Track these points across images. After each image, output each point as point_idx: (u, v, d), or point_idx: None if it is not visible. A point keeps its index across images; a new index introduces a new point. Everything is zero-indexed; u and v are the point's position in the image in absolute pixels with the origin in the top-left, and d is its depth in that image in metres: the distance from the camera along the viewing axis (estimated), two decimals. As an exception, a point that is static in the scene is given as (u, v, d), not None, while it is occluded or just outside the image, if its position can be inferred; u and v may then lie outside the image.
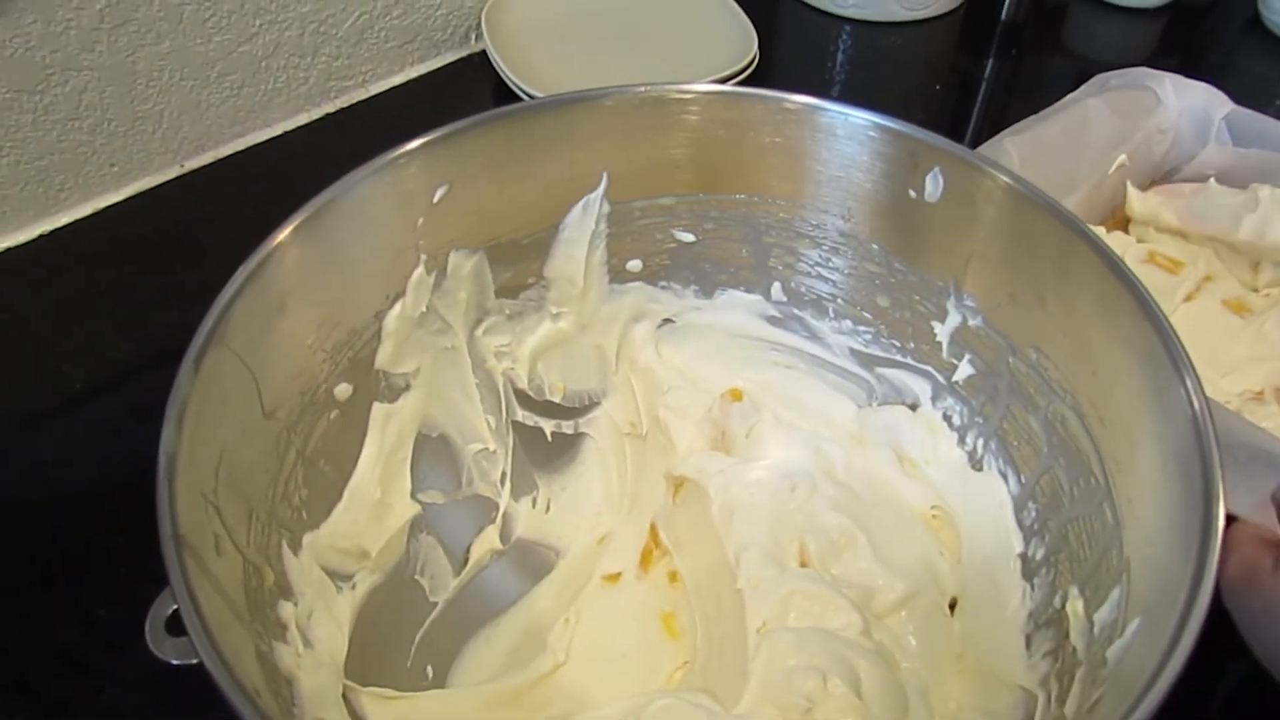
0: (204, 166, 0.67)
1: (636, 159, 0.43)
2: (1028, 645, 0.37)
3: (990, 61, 0.84)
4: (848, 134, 0.39)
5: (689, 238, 0.46)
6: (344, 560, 0.39)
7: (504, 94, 0.70)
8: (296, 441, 0.37)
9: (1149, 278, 0.57)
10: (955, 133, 0.58)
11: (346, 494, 0.40)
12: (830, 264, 0.45)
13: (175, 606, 0.26)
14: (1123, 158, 0.62)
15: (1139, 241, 0.60)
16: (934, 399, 0.44)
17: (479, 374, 0.45)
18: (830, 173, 0.41)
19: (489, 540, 0.45)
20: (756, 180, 0.43)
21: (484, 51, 0.73)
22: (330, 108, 0.73)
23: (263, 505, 0.34)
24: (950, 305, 0.41)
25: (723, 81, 0.70)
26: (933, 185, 0.39)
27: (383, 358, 0.41)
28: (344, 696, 0.35)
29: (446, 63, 0.78)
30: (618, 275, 0.47)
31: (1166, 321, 0.31)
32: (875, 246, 0.43)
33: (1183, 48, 0.86)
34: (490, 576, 0.45)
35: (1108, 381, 0.34)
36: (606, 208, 0.44)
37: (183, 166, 0.67)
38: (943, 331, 0.42)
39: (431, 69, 0.77)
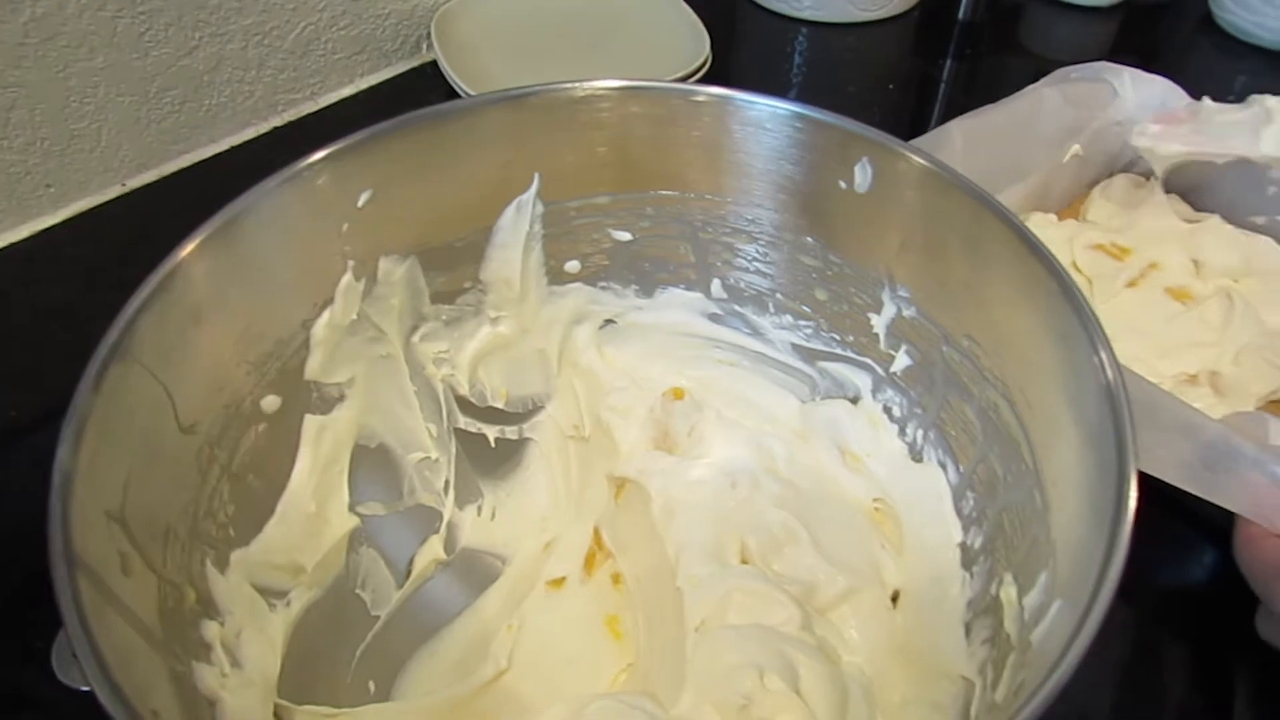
0: (147, 185, 0.66)
1: (567, 158, 0.42)
2: (967, 634, 0.36)
3: (948, 62, 0.84)
4: (771, 125, 0.39)
5: (626, 236, 0.45)
6: (277, 576, 0.38)
7: None
8: (220, 456, 0.36)
9: (1095, 263, 0.58)
10: (915, 133, 0.58)
11: (279, 509, 0.39)
12: (768, 259, 0.44)
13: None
14: (1076, 147, 0.63)
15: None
16: (874, 391, 0.44)
17: (418, 381, 0.45)
18: (759, 166, 0.41)
19: (432, 550, 0.45)
20: (687, 176, 0.42)
21: (435, 61, 0.72)
22: (278, 121, 0.72)
23: (183, 522, 0.34)
24: (885, 296, 0.41)
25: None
26: (861, 175, 0.38)
27: (313, 368, 0.40)
28: (276, 716, 0.35)
29: (398, 73, 0.77)
30: (556, 277, 0.46)
31: (1083, 298, 0.31)
32: (810, 240, 0.42)
33: (1137, 46, 0.86)
34: (434, 587, 0.44)
35: (1032, 365, 0.34)
36: (540, 208, 0.43)
37: (125, 185, 0.66)
38: (879, 323, 0.42)
39: (382, 80, 0.76)
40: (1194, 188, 0.63)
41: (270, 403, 0.39)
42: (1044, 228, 0.60)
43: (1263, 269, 0.58)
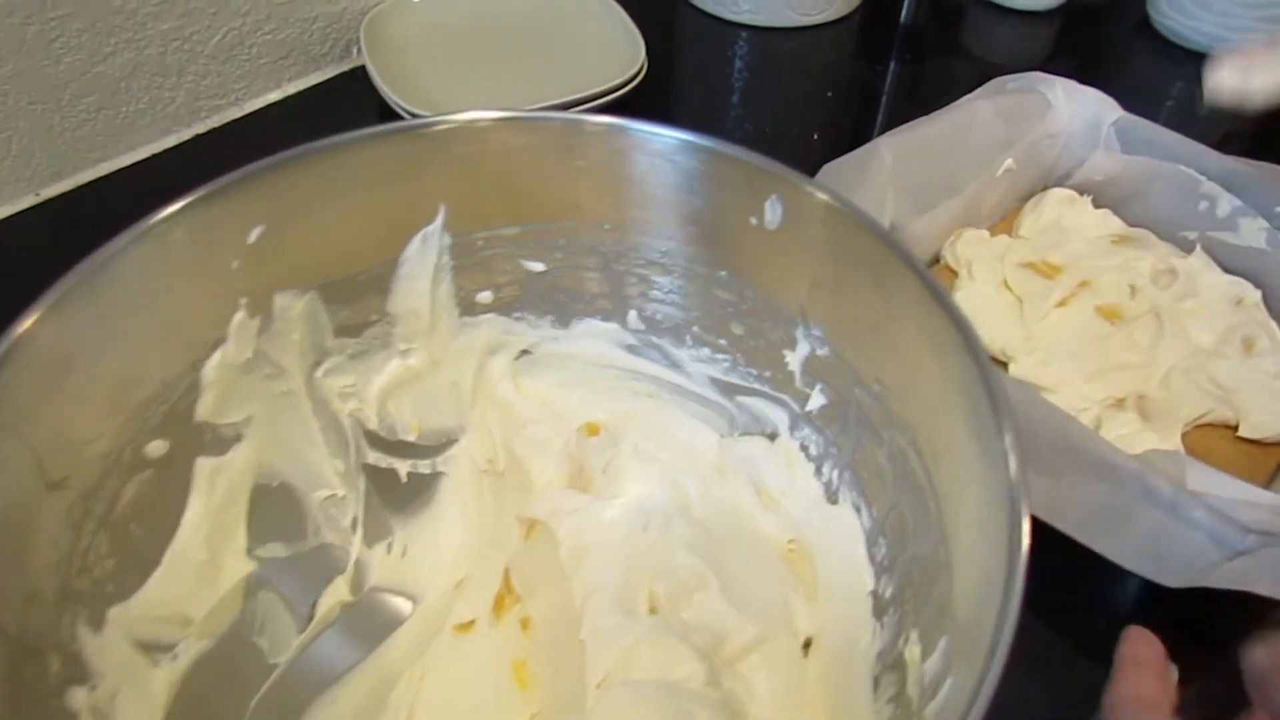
0: (63, 194, 0.64)
1: (470, 189, 0.41)
2: (875, 687, 0.36)
3: (890, 66, 0.83)
4: (679, 159, 0.38)
5: (539, 267, 0.44)
6: (163, 629, 0.37)
7: (388, 110, 0.67)
8: (97, 508, 0.34)
9: (1025, 282, 0.57)
10: (858, 139, 0.57)
11: (166, 558, 0.37)
12: (683, 291, 0.43)
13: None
14: (1009, 161, 0.62)
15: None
16: (791, 429, 0.43)
17: (322, 417, 0.43)
18: (668, 198, 0.39)
19: (338, 592, 0.43)
20: (598, 208, 0.41)
21: (365, 66, 0.70)
22: (201, 128, 0.70)
23: (50, 583, 0.32)
24: (799, 334, 0.40)
25: (613, 91, 0.68)
26: (771, 212, 0.37)
27: (205, 409, 0.39)
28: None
29: (326, 78, 0.75)
30: (468, 308, 0.45)
31: (987, 359, 0.30)
32: (724, 274, 0.41)
33: (1077, 50, 0.86)
34: (338, 632, 0.42)
35: (937, 416, 0.33)
36: (447, 240, 0.42)
37: (38, 195, 0.63)
38: (794, 360, 0.41)
39: (311, 85, 0.74)
40: (1126, 201, 0.63)
41: (156, 448, 0.37)
42: (975, 244, 0.59)
43: (1193, 287, 0.57)
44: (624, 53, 0.70)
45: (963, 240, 0.60)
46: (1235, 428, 0.51)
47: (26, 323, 0.31)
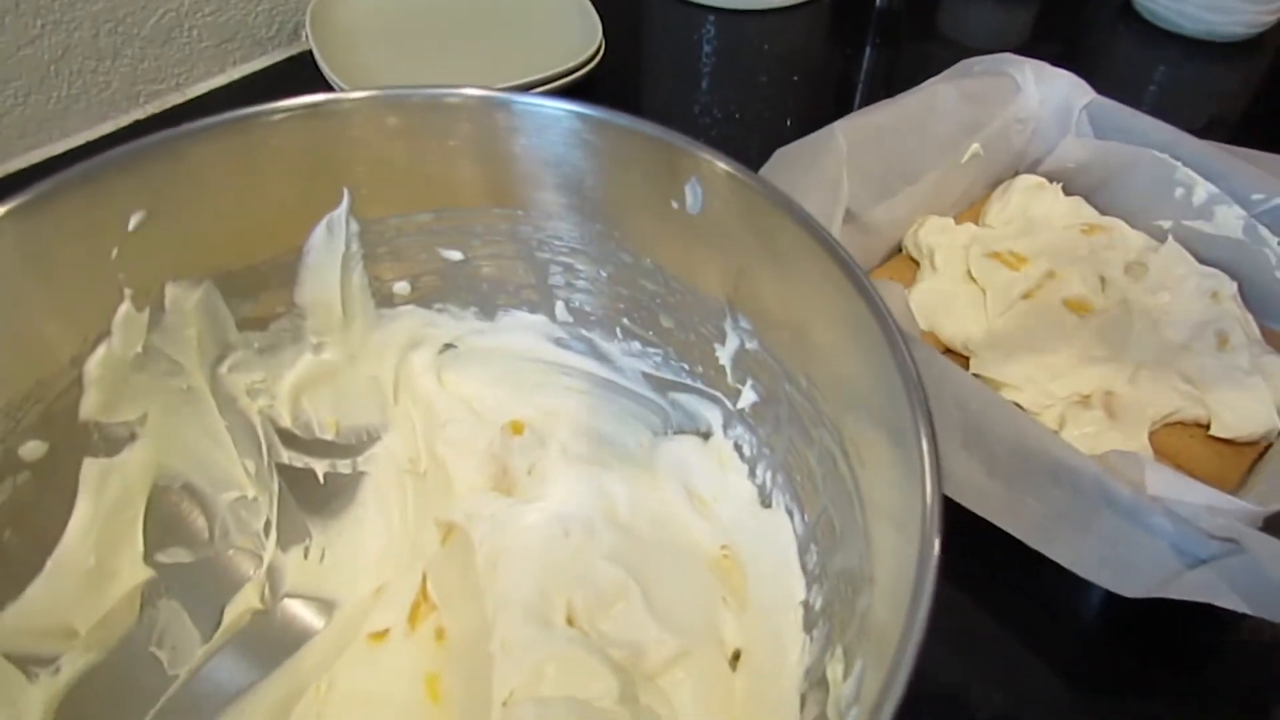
0: None
1: (378, 172, 0.38)
2: (801, 705, 0.33)
3: (864, 50, 0.80)
4: (590, 137, 0.35)
5: (457, 255, 0.41)
6: (42, 642, 0.34)
7: None
8: (-38, 515, 0.32)
9: (990, 273, 0.54)
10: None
11: (48, 566, 0.35)
12: (610, 280, 0.40)
13: None
14: (976, 147, 0.59)
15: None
16: (725, 427, 0.40)
17: (229, 415, 0.41)
18: (584, 180, 0.37)
19: (247, 599, 0.41)
20: (511, 192, 0.38)
21: (311, 51, 0.67)
22: (140, 114, 0.68)
23: (-95, 600, 0.29)
24: (728, 326, 0.37)
25: (567, 75, 0.65)
26: (692, 196, 0.35)
27: (90, 407, 0.36)
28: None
29: (273, 62, 0.73)
30: (385, 299, 0.42)
31: (912, 361, 0.27)
32: (649, 263, 0.39)
33: (1057, 33, 0.83)
34: (246, 642, 0.40)
35: (861, 417, 0.30)
36: (355, 226, 0.39)
37: None
38: (724, 355, 0.38)
39: (256, 69, 0.72)
40: (1098, 189, 0.60)
41: (33, 449, 0.34)
42: (938, 233, 0.57)
43: (1166, 279, 0.55)
44: (579, 35, 0.68)
45: (925, 228, 0.57)
46: (1207, 426, 0.49)
47: None
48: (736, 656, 0.37)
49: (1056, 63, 0.60)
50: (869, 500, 0.30)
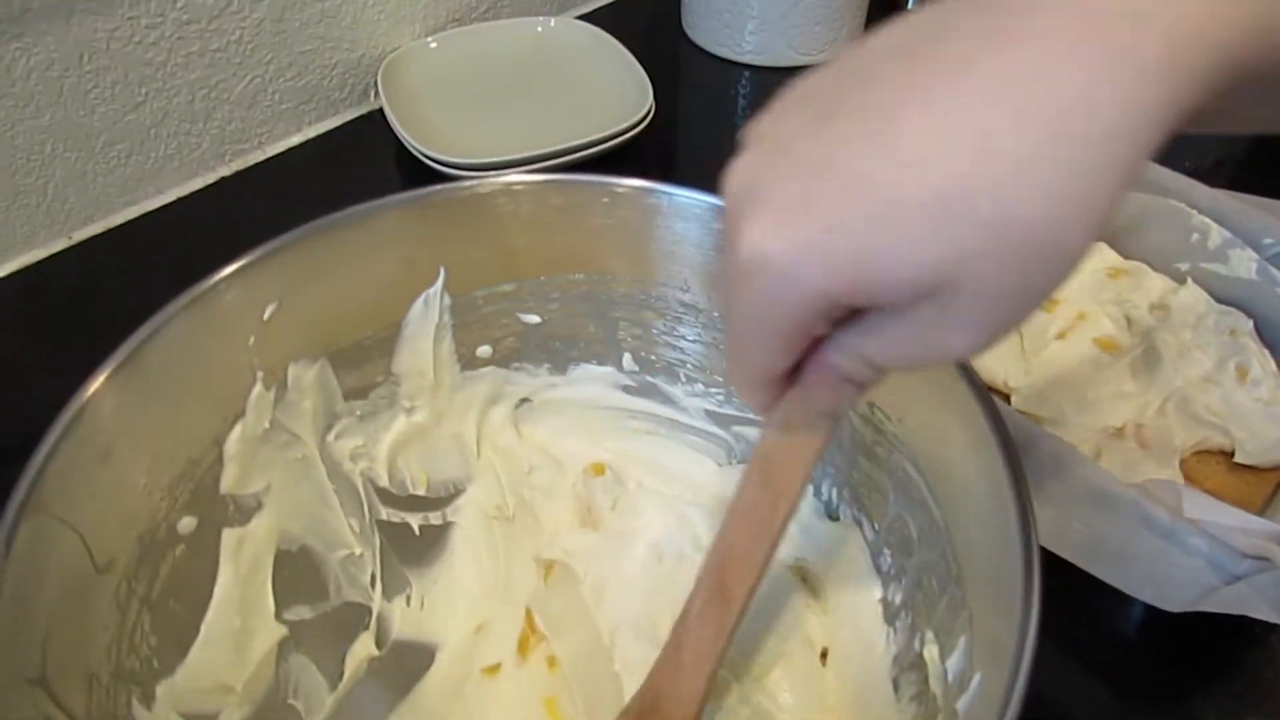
0: (94, 237, 0.65)
1: (472, 250, 0.43)
2: (895, 689, 0.38)
3: None
4: (676, 213, 0.40)
5: (535, 319, 0.46)
6: (206, 700, 0.37)
7: (404, 151, 0.68)
8: (139, 589, 0.35)
9: None
10: None
11: (203, 630, 0.38)
12: (676, 332, 0.45)
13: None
14: None
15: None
16: (788, 453, 0.45)
17: (336, 479, 0.44)
18: (664, 248, 0.42)
19: (365, 648, 0.44)
20: (594, 260, 0.43)
21: (382, 109, 0.71)
22: (225, 171, 0.71)
23: (105, 666, 0.33)
24: (791, 364, 0.43)
25: (621, 134, 0.69)
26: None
27: (228, 481, 0.40)
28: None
29: (345, 120, 0.76)
30: (469, 362, 0.47)
31: (974, 373, 0.32)
32: (716, 315, 0.44)
33: None
34: (368, 686, 0.43)
35: (933, 432, 0.36)
36: (448, 300, 0.44)
37: (70, 238, 0.64)
38: (787, 389, 0.43)
39: (330, 128, 0.75)
40: (1121, 235, 0.63)
41: (187, 524, 0.38)
42: None
43: (1188, 318, 0.58)
44: (632, 96, 0.72)
45: None
46: (1231, 454, 0.52)
47: (67, 415, 0.32)
48: (824, 654, 0.42)
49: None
50: (947, 505, 0.36)
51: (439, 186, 0.40)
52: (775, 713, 0.39)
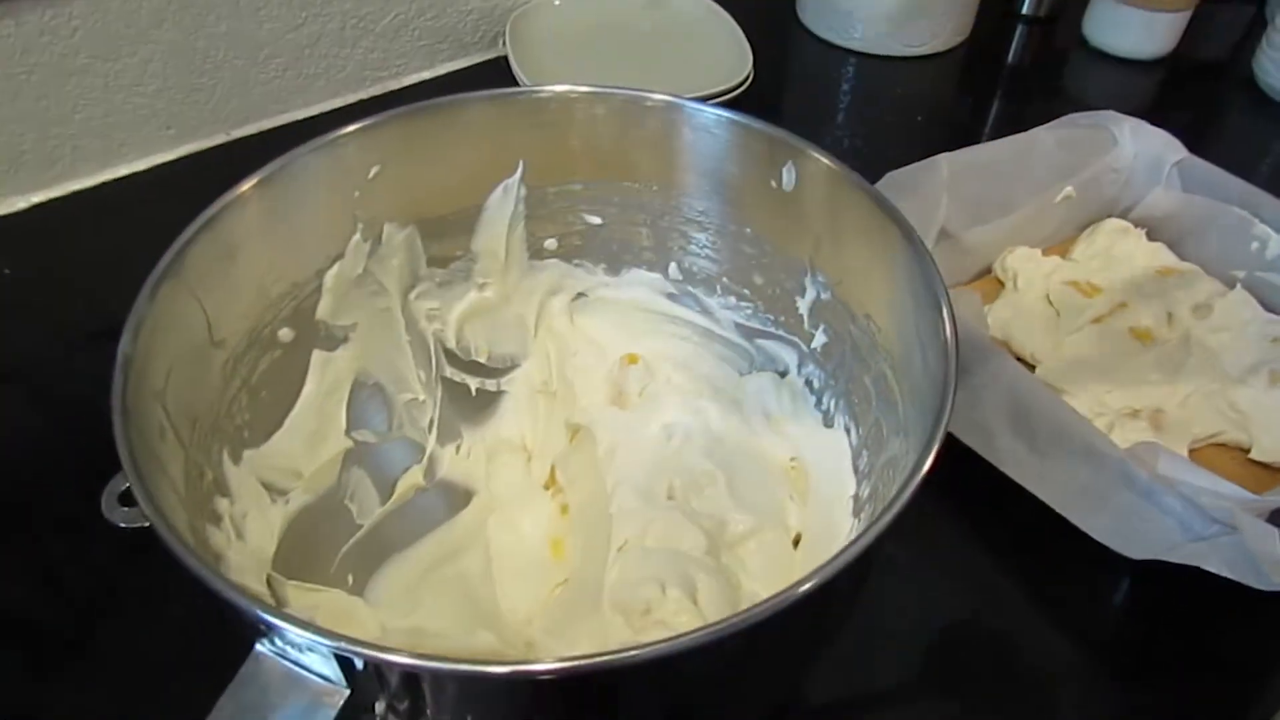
0: (248, 136, 0.77)
1: (545, 148, 0.50)
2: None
3: (987, 100, 0.88)
4: (716, 131, 0.47)
5: (597, 220, 0.53)
6: (280, 477, 0.46)
7: None
8: (242, 371, 0.44)
9: (1064, 297, 0.61)
10: None
11: (287, 423, 0.47)
12: (715, 246, 0.52)
13: (127, 485, 0.32)
14: (1069, 189, 0.65)
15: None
16: (800, 366, 0.51)
17: (412, 333, 0.52)
18: (706, 165, 0.48)
19: (414, 477, 0.52)
20: (647, 171, 0.50)
21: (506, 56, 0.80)
22: (364, 95, 0.82)
23: (207, 416, 0.41)
24: (807, 282, 0.48)
25: (716, 97, 0.76)
26: (788, 177, 0.46)
27: (323, 310, 0.48)
28: (268, 585, 0.42)
29: (473, 63, 0.86)
30: (536, 252, 0.54)
31: (948, 299, 0.37)
32: (749, 231, 0.50)
33: (1177, 101, 0.87)
34: (412, 508, 0.51)
35: (908, 338, 0.41)
36: (524, 191, 0.51)
37: (229, 134, 0.76)
38: (803, 305, 0.49)
39: (459, 68, 0.86)
40: (1182, 238, 0.65)
41: (285, 334, 0.46)
42: (1025, 260, 0.63)
43: (1230, 320, 0.59)
44: (733, 64, 0.80)
45: (1014, 255, 0.64)
46: (1247, 451, 0.54)
47: (210, 212, 0.41)
48: (797, 541, 0.47)
49: (1172, 129, 0.64)
50: (908, 397, 0.41)
51: (525, 89, 0.48)
52: (742, 576, 0.45)
